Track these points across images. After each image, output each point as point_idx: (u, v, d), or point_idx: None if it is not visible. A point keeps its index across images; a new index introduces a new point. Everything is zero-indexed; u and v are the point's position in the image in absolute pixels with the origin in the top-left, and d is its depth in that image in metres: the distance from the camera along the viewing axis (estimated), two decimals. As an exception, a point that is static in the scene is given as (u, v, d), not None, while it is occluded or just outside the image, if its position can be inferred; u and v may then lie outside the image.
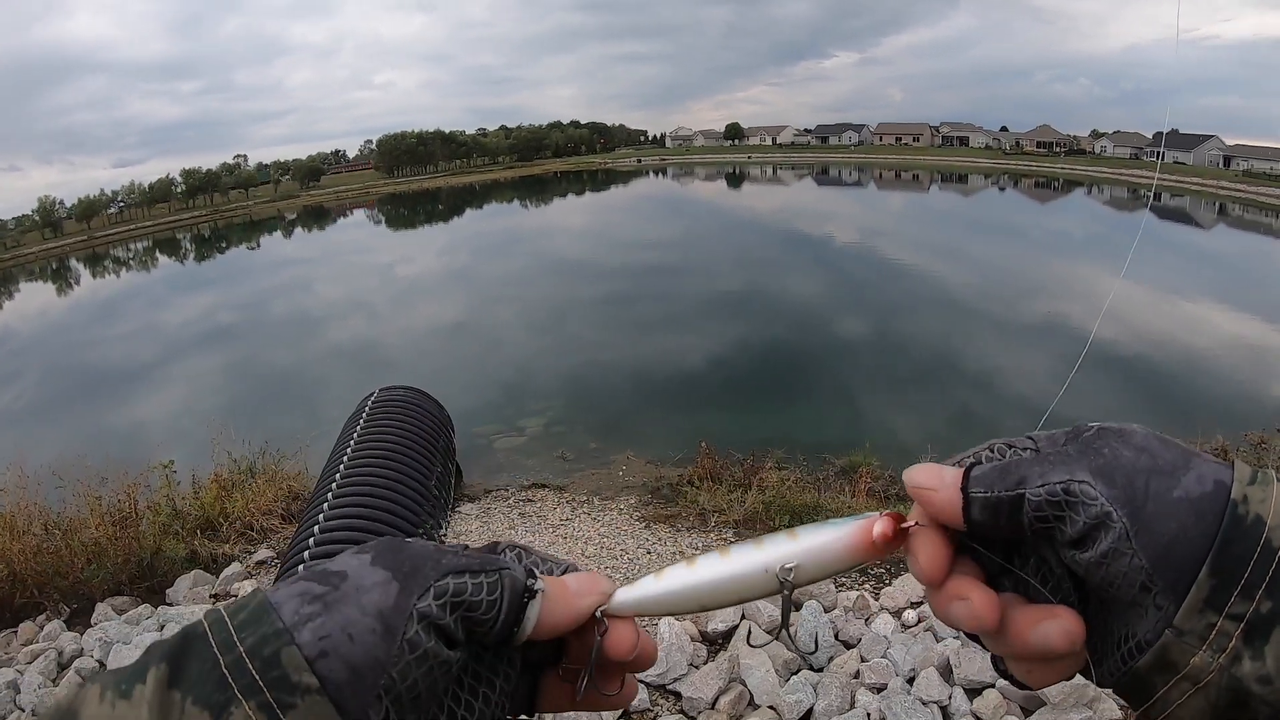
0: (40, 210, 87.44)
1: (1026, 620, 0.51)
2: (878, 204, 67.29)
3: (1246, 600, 0.42)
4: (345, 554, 0.50)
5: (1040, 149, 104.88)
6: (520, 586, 0.52)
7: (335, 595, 0.46)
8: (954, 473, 0.53)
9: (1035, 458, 0.50)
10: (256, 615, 0.45)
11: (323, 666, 0.43)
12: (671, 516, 6.43)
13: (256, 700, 0.42)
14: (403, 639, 0.46)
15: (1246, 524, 0.43)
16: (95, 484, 6.57)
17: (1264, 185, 67.04)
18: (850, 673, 4.11)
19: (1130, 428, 0.50)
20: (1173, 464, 0.46)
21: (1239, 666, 0.43)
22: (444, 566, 0.50)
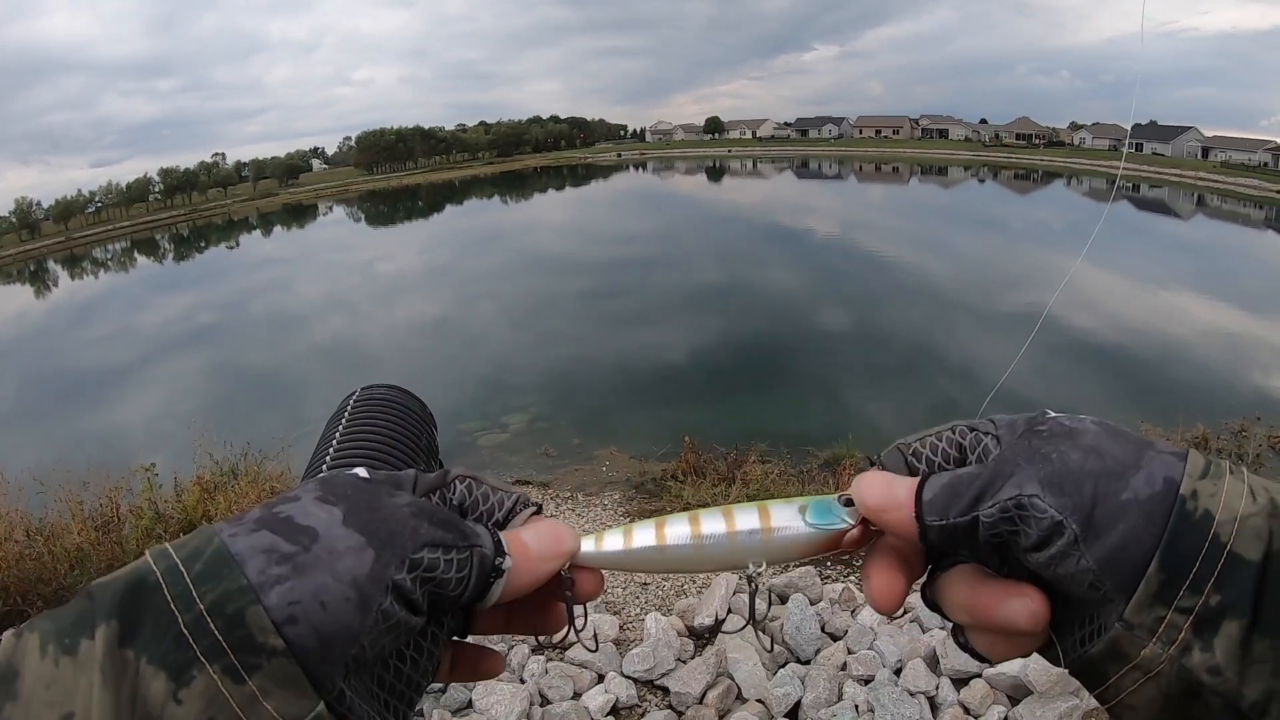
0: (17, 211, 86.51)
1: (993, 596, 0.52)
2: (857, 197, 67.51)
3: (1195, 594, 0.43)
4: (309, 498, 0.48)
5: (1020, 141, 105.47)
6: (489, 565, 0.51)
7: (306, 558, 0.44)
8: (906, 491, 0.53)
9: (985, 471, 0.50)
10: (216, 567, 0.42)
11: (290, 631, 0.41)
12: (656, 512, 6.42)
13: (221, 663, 0.40)
14: (378, 609, 0.44)
15: (1195, 519, 0.44)
16: (77, 489, 6.50)
17: (1241, 176, 67.62)
18: (837, 665, 4.12)
19: (1082, 426, 0.50)
20: (1123, 464, 0.47)
21: (1189, 658, 0.43)
22: (421, 538, 0.48)
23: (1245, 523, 0.44)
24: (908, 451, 0.57)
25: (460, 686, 3.85)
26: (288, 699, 0.41)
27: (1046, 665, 3.50)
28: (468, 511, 0.56)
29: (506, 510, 0.58)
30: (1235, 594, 0.43)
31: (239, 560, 0.43)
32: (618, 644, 4.36)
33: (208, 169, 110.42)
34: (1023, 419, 0.53)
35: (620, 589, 5.10)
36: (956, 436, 0.56)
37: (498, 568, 0.51)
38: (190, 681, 0.40)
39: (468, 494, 0.57)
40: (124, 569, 0.43)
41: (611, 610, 4.77)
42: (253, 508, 0.47)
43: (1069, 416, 0.52)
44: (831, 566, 5.37)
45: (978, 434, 0.55)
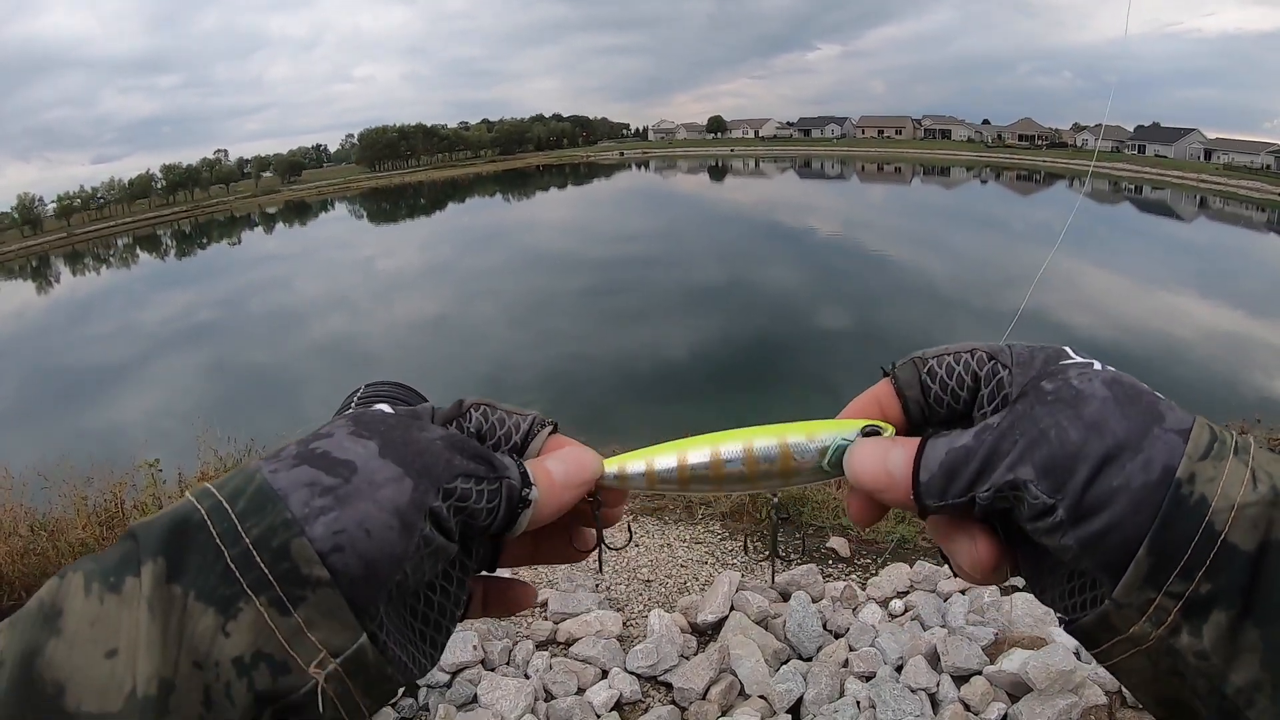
0: (19, 208, 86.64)
1: (949, 532, 0.54)
2: (859, 197, 67.49)
3: (1185, 581, 0.43)
4: (343, 433, 0.49)
5: (1022, 142, 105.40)
6: (516, 496, 0.52)
7: (348, 489, 0.45)
8: (902, 469, 0.52)
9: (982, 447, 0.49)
10: (259, 503, 0.43)
11: (336, 560, 0.43)
12: (658, 509, 6.44)
13: (267, 595, 0.41)
14: (419, 535, 0.46)
15: (1189, 505, 0.43)
16: (80, 484, 6.51)
17: (1244, 179, 67.53)
18: (839, 661, 4.14)
19: (1090, 390, 0.48)
20: (1122, 444, 0.45)
21: (1178, 639, 0.44)
22: (455, 468, 0.49)
23: (1242, 512, 0.43)
24: (923, 369, 0.57)
25: (465, 680, 3.87)
26: (332, 630, 0.43)
27: (1047, 663, 3.53)
28: (485, 438, 0.57)
29: (524, 433, 0.58)
30: (1226, 583, 0.42)
31: (282, 495, 0.44)
32: (621, 640, 4.37)
33: (210, 165, 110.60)
34: (1040, 358, 0.53)
35: (624, 586, 5.12)
36: (974, 364, 0.55)
37: (525, 498, 0.53)
38: (238, 614, 0.41)
39: (484, 420, 0.57)
40: (166, 510, 0.44)
41: (615, 607, 4.79)
42: (288, 444, 0.48)
43: (1081, 370, 0.50)
44: (834, 565, 5.40)
45: (996, 364, 0.54)
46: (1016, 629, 4.19)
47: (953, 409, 0.56)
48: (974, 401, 0.55)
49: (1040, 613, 4.30)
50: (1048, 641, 3.90)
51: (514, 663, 4.15)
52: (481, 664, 4.03)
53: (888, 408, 0.58)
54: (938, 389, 0.56)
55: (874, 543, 5.65)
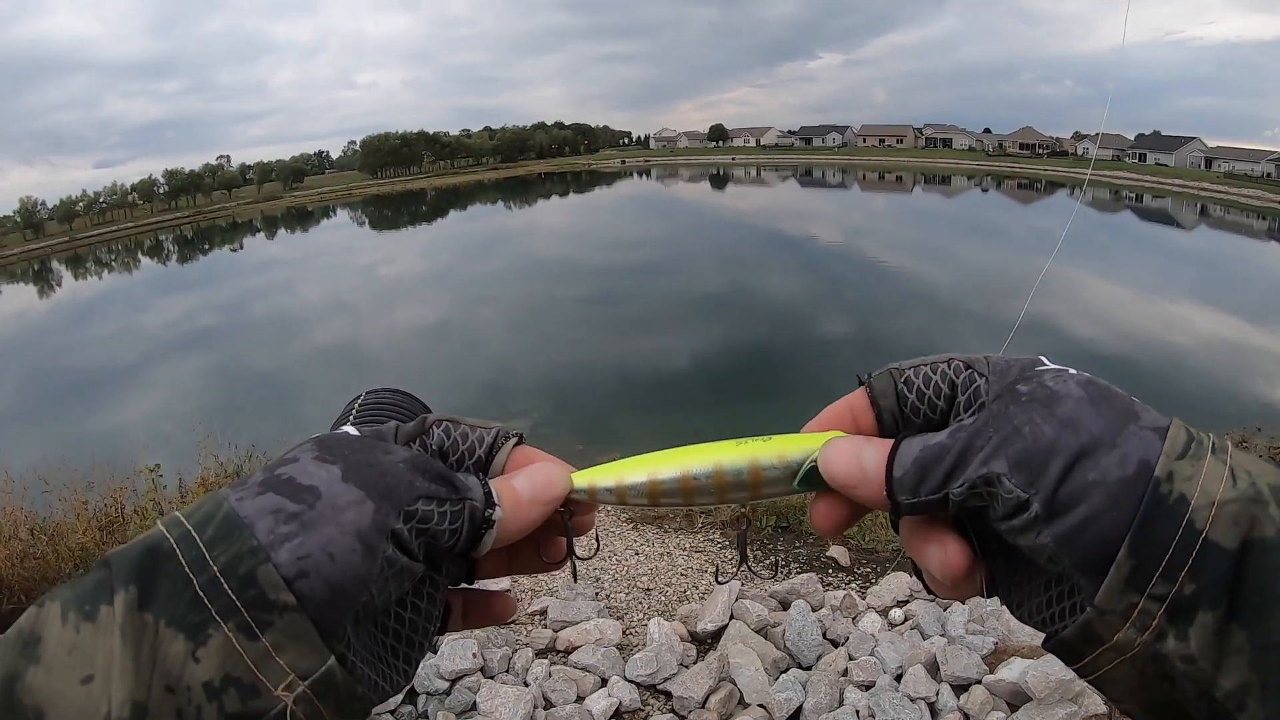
0: (22, 211, 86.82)
1: (920, 539, 0.54)
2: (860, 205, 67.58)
3: (1168, 582, 0.42)
4: (308, 458, 0.49)
5: (1023, 150, 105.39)
6: (479, 518, 0.52)
7: (312, 514, 0.45)
8: (876, 465, 0.52)
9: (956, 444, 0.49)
10: (226, 530, 0.44)
11: (302, 585, 0.43)
12: (659, 518, 6.43)
13: (235, 621, 0.42)
14: (382, 557, 0.46)
15: (1169, 504, 0.43)
16: (81, 488, 6.51)
17: (1245, 187, 67.57)
18: (838, 670, 4.13)
19: (1065, 390, 0.48)
20: (1097, 440, 0.45)
21: (1164, 644, 0.43)
22: (415, 490, 0.50)
23: (1223, 509, 0.42)
24: (899, 378, 0.56)
25: (465, 688, 3.87)
26: (300, 653, 0.43)
27: (1046, 671, 3.53)
28: (448, 454, 0.57)
29: (487, 446, 0.58)
30: (1210, 583, 0.42)
31: (248, 523, 0.44)
32: (621, 648, 4.37)
33: (212, 171, 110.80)
34: (1016, 367, 0.53)
35: (623, 594, 5.13)
36: (951, 373, 0.55)
37: (488, 519, 0.53)
38: (207, 640, 0.42)
39: (445, 437, 0.58)
40: (138, 538, 0.45)
41: (615, 615, 4.79)
42: (254, 471, 0.49)
43: (1056, 373, 0.50)
44: (834, 574, 5.40)
45: (972, 373, 0.54)
46: (1016, 638, 4.19)
47: (929, 419, 0.56)
48: (950, 411, 0.55)
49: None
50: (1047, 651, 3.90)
51: (513, 670, 4.15)
52: (481, 671, 4.03)
53: (861, 417, 0.58)
54: (914, 399, 0.56)
55: (874, 552, 5.66)
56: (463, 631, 3.93)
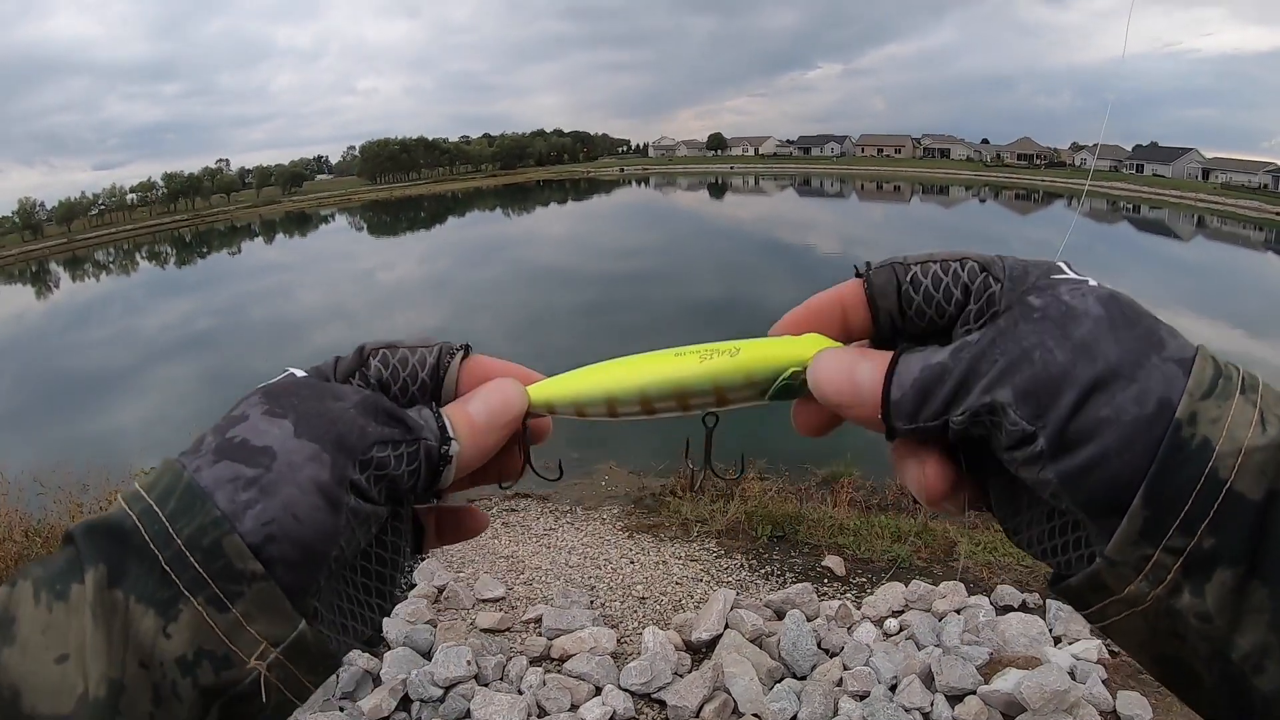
0: (20, 212, 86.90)
1: (902, 453, 0.50)
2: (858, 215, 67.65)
3: (1186, 535, 0.39)
4: (257, 414, 0.48)
5: (1021, 161, 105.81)
6: (435, 455, 0.51)
7: (270, 477, 0.44)
8: (870, 383, 0.48)
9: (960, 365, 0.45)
10: (188, 502, 0.43)
11: (272, 550, 0.43)
12: (654, 526, 6.44)
13: (204, 594, 0.42)
14: (346, 509, 0.46)
15: (1191, 449, 0.39)
16: (76, 491, 6.51)
17: (1242, 198, 67.85)
18: (833, 681, 4.13)
19: (1083, 307, 0.44)
20: (1114, 370, 0.41)
21: (1178, 599, 0.39)
22: (369, 436, 0.48)
23: (1250, 457, 0.38)
24: (905, 276, 0.51)
25: (459, 695, 3.87)
26: (271, 621, 0.43)
27: (1041, 682, 3.53)
28: (389, 384, 0.55)
29: (431, 367, 0.56)
30: (1232, 537, 0.38)
31: (208, 493, 0.44)
32: (615, 657, 4.36)
33: (211, 175, 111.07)
34: (1034, 272, 0.48)
35: (618, 603, 5.12)
36: (965, 276, 0.50)
37: (445, 455, 0.52)
38: (177, 615, 0.41)
39: (383, 367, 0.56)
40: (102, 515, 0.45)
41: (609, 624, 4.79)
42: (205, 434, 0.48)
43: (1074, 286, 0.46)
44: (829, 583, 5.39)
45: (988, 277, 0.49)
46: (1011, 649, 4.19)
47: (934, 323, 0.51)
48: (959, 317, 0.50)
49: (1035, 632, 4.30)
50: (1042, 661, 3.90)
51: (507, 678, 4.15)
52: (475, 679, 4.02)
53: (853, 315, 0.54)
54: (920, 300, 0.51)
55: (869, 562, 5.66)
56: (456, 633, 3.90)
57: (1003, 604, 4.83)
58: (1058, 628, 4.44)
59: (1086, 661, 3.94)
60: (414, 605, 4.75)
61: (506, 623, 4.74)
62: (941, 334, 0.51)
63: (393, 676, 3.95)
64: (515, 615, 4.86)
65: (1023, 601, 4.87)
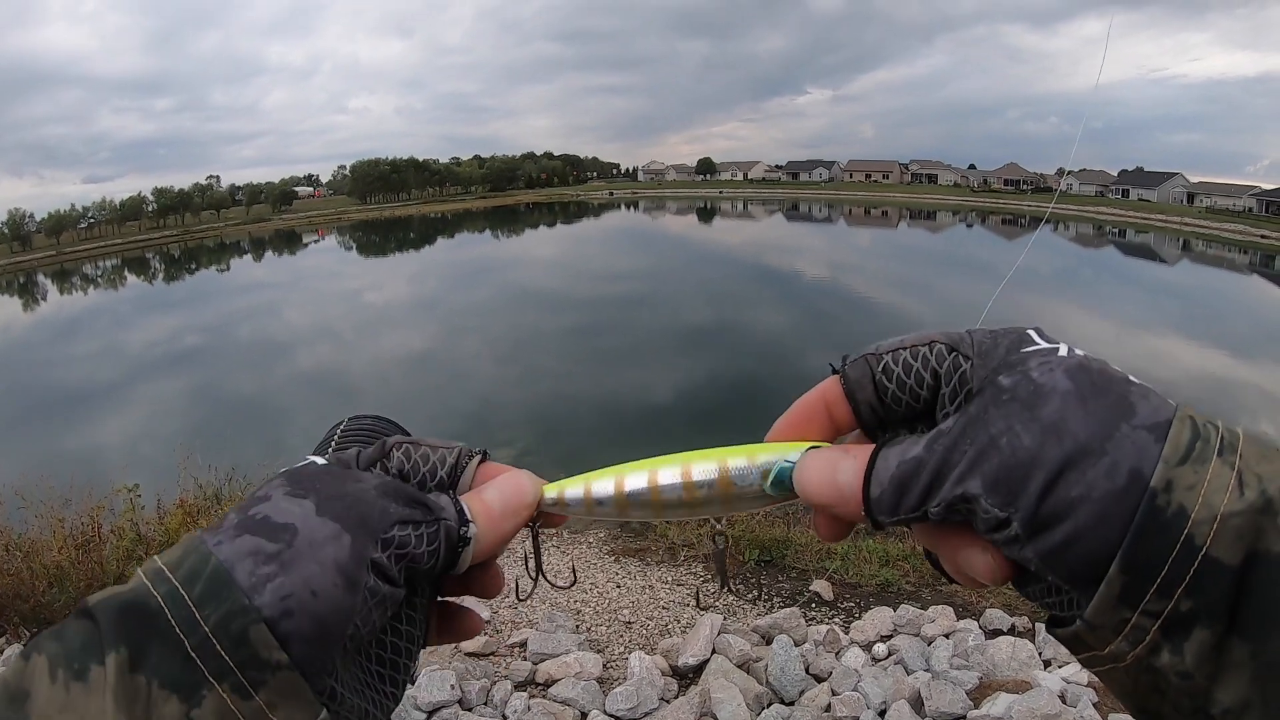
0: (10, 223, 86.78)
1: (955, 540, 0.50)
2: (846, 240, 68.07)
3: (1164, 598, 0.40)
4: (280, 494, 0.49)
5: (1008, 186, 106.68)
6: (455, 537, 0.53)
7: (290, 553, 0.45)
8: (851, 482, 0.50)
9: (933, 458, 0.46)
10: (215, 588, 0.43)
11: (289, 625, 0.43)
12: (641, 550, 6.40)
13: (229, 681, 0.42)
14: (364, 588, 0.46)
15: (1166, 517, 0.40)
16: (58, 505, 6.43)
17: (1227, 221, 68.57)
18: (821, 706, 4.10)
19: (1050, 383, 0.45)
20: (1084, 447, 0.42)
21: (1157, 658, 0.41)
22: (390, 516, 0.50)
23: (1226, 523, 0.39)
24: (877, 366, 0.53)
25: (441, 721, 3.82)
26: (293, 709, 0.43)
27: (1031, 707, 3.50)
28: (409, 477, 0.57)
29: (450, 466, 0.58)
30: (1209, 600, 0.39)
31: (228, 566, 0.44)
32: (601, 682, 4.32)
33: (202, 191, 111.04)
34: (1003, 345, 0.50)
35: (604, 627, 5.08)
36: (934, 360, 0.51)
37: (464, 536, 0.53)
38: (201, 701, 0.41)
39: (405, 460, 0.57)
40: (123, 590, 0.44)
41: (595, 648, 4.74)
42: (228, 513, 0.48)
43: (1043, 359, 0.47)
44: (817, 608, 5.36)
45: (958, 356, 0.50)
46: (1001, 673, 4.17)
47: (912, 408, 0.53)
48: (935, 400, 0.52)
49: (1025, 656, 4.28)
50: (1032, 685, 3.87)
51: (491, 703, 4.10)
52: (459, 704, 3.97)
53: (836, 411, 0.56)
54: (894, 389, 0.53)
55: (857, 586, 5.63)
56: (440, 656, 3.86)
57: (992, 628, 4.80)
58: (1048, 651, 4.41)
59: (1077, 685, 3.91)
60: (398, 628, 4.69)
61: (491, 646, 4.70)
62: (924, 416, 0.53)
63: (375, 700, 3.89)
64: (500, 639, 4.82)
65: (1012, 625, 4.85)
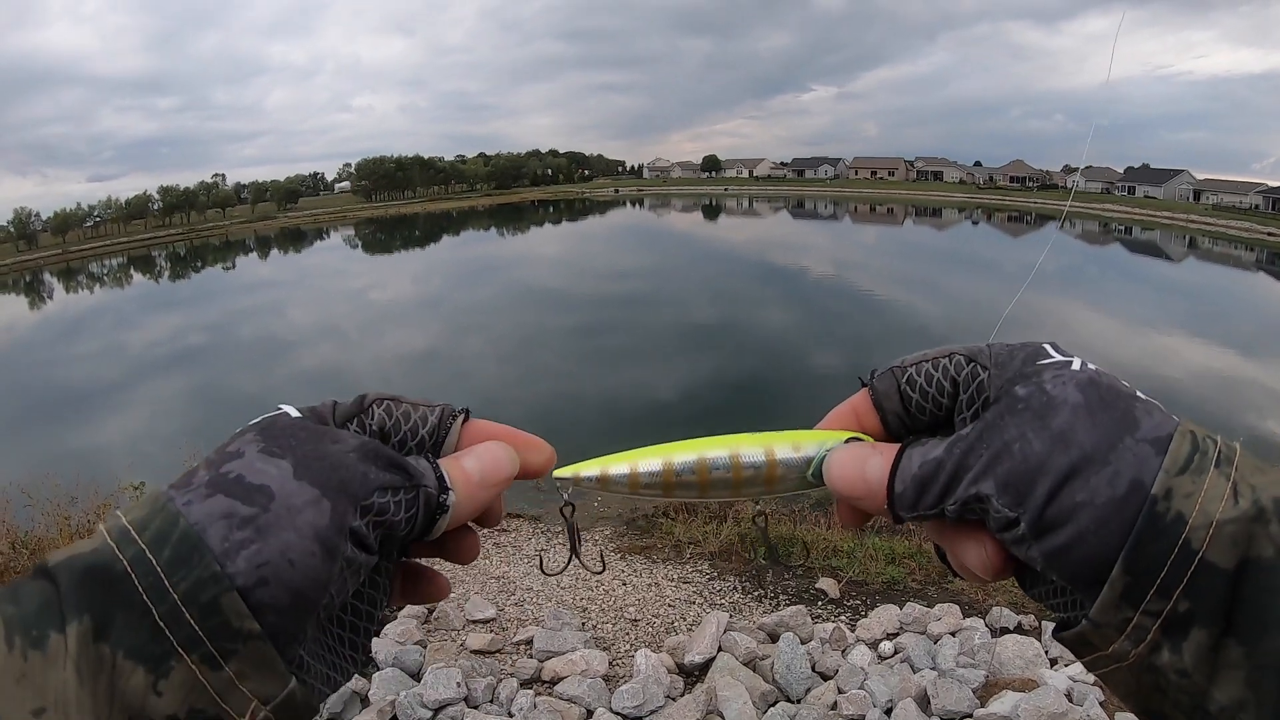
0: (15, 222, 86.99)
1: (957, 534, 0.53)
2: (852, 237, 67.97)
3: (1163, 599, 0.42)
4: (253, 451, 0.46)
5: (1013, 184, 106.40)
6: (434, 503, 0.51)
7: (267, 518, 0.43)
8: (879, 477, 0.53)
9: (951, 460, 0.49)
10: (184, 552, 0.41)
11: (263, 594, 0.42)
12: (647, 548, 6.40)
13: (198, 652, 0.40)
14: (341, 557, 0.45)
15: (1165, 522, 0.42)
16: (64, 503, 6.48)
17: (1233, 219, 68.34)
18: (828, 704, 4.09)
19: (1061, 396, 0.48)
20: (1089, 457, 0.45)
21: (1158, 656, 0.44)
22: (371, 482, 0.48)
23: (1221, 529, 0.42)
24: (901, 378, 0.57)
25: (448, 717, 3.81)
26: (263, 680, 0.42)
27: (1038, 705, 3.49)
28: (389, 435, 0.55)
29: (432, 426, 0.57)
30: (1205, 602, 0.42)
31: (199, 529, 0.42)
32: (607, 680, 4.32)
33: (207, 189, 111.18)
34: (1019, 357, 0.52)
35: (611, 625, 5.07)
36: (953, 369, 0.55)
37: (442, 504, 0.52)
38: (169, 672, 0.40)
39: (387, 417, 0.55)
40: (84, 550, 0.42)
41: (601, 646, 4.74)
42: (196, 468, 0.46)
43: (1056, 372, 0.50)
44: (823, 606, 5.35)
45: (975, 366, 0.54)
46: (1007, 671, 4.15)
47: (935, 416, 0.56)
48: (955, 407, 0.55)
49: (1031, 654, 4.26)
50: (1039, 684, 3.86)
51: (498, 701, 4.09)
52: (464, 701, 3.97)
53: (865, 420, 0.59)
54: (918, 398, 0.56)
55: (863, 584, 5.62)
56: (446, 654, 3.84)
57: (998, 626, 4.79)
58: (1054, 649, 4.40)
59: (1084, 683, 3.90)
60: (403, 626, 4.70)
61: (497, 644, 4.70)
62: (945, 424, 0.56)
63: (381, 698, 3.90)
64: (506, 637, 4.82)
65: (1018, 623, 4.84)
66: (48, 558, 0.43)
